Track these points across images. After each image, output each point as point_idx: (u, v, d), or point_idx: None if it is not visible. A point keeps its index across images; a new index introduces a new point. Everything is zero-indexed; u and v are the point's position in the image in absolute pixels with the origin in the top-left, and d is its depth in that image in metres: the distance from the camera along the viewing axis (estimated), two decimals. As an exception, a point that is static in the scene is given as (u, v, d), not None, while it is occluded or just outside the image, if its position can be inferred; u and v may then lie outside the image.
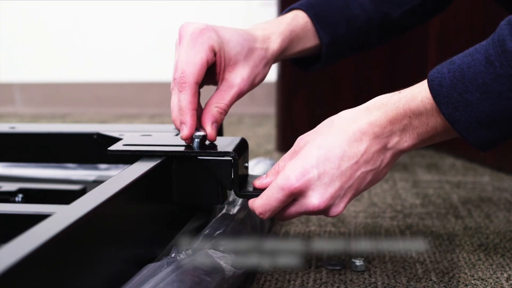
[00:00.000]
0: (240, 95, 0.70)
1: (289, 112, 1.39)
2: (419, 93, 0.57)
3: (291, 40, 0.76)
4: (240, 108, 2.22)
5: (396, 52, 1.38)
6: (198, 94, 0.66)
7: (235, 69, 0.69)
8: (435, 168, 1.22)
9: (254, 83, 0.72)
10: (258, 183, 0.62)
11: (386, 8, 0.81)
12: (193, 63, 0.65)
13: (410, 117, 0.58)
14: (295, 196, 0.59)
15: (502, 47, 0.52)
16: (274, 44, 0.74)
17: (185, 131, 0.63)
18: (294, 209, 0.60)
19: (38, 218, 0.45)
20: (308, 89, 1.37)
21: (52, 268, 0.40)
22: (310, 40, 0.78)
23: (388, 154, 0.60)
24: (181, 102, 0.64)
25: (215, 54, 0.67)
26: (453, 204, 0.96)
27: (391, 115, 0.58)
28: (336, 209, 0.59)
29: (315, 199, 0.58)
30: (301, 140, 0.61)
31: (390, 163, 0.61)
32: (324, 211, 0.59)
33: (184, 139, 0.63)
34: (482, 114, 0.54)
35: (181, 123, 0.63)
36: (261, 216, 0.61)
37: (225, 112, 0.68)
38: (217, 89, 0.69)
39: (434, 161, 1.28)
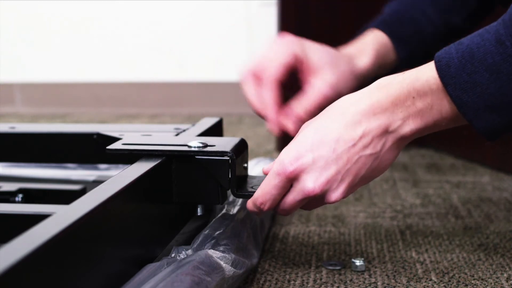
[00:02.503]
0: (324, 99, 0.70)
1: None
2: (424, 73, 0.55)
3: (378, 57, 0.78)
4: (240, 108, 2.22)
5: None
6: (279, 92, 0.68)
7: (319, 74, 0.71)
8: (435, 168, 1.22)
9: (339, 91, 0.72)
10: (265, 169, 0.62)
11: (448, 15, 0.83)
12: (276, 60, 0.68)
13: (414, 97, 0.55)
14: (291, 181, 0.58)
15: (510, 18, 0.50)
16: (364, 60, 0.77)
17: (274, 128, 0.68)
18: (292, 196, 0.59)
19: (38, 218, 0.45)
20: (308, 89, 1.37)
21: (52, 268, 0.40)
22: (390, 57, 0.81)
23: (390, 139, 0.56)
24: (264, 98, 0.67)
25: (298, 60, 0.70)
26: (453, 204, 0.96)
27: (394, 95, 0.55)
28: (334, 194, 0.57)
29: (310, 182, 0.56)
30: (304, 125, 0.60)
31: (393, 149, 0.57)
32: (321, 196, 0.58)
33: (276, 135, 0.68)
34: (491, 96, 0.51)
35: (267, 119, 0.67)
36: (262, 207, 0.60)
37: (309, 112, 0.69)
38: (302, 93, 0.71)
39: (434, 161, 1.28)
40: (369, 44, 0.79)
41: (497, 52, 0.51)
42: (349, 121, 0.56)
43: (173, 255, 0.59)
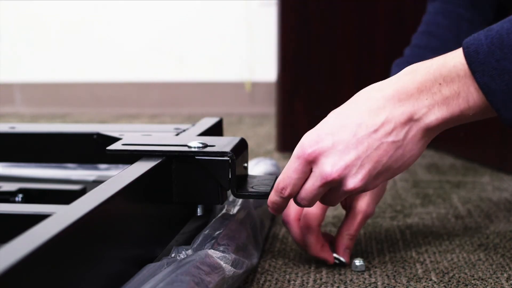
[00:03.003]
0: (367, 218, 0.72)
1: (289, 112, 1.39)
2: (452, 59, 0.53)
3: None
4: (240, 108, 2.23)
5: (396, 52, 1.37)
6: (320, 233, 0.70)
7: (359, 197, 0.71)
8: (435, 168, 1.22)
9: (378, 199, 0.74)
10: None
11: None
12: (318, 207, 0.69)
13: (440, 84, 0.53)
14: (311, 164, 0.56)
15: None
16: None
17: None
18: (310, 182, 0.57)
19: (38, 218, 0.45)
20: (308, 89, 1.37)
21: (52, 268, 0.40)
22: None
23: (414, 127, 0.54)
24: (309, 243, 0.69)
25: None
26: (453, 204, 0.96)
27: (420, 81, 0.53)
28: (353, 180, 0.55)
29: (327, 166, 0.54)
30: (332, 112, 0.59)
31: (417, 140, 0.55)
32: (339, 181, 0.55)
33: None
34: None
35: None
36: (283, 192, 0.58)
37: (354, 237, 0.71)
38: (346, 217, 0.72)
39: (434, 161, 1.28)
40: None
41: None
42: (373, 106, 0.54)
43: (173, 255, 0.59)
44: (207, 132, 0.78)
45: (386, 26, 1.37)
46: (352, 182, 0.55)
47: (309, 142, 0.56)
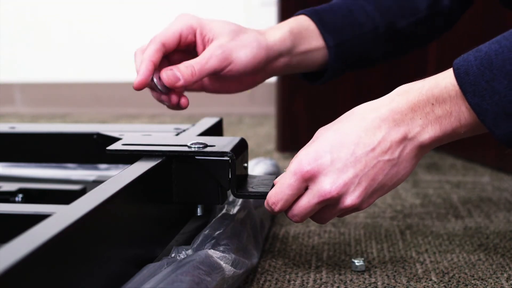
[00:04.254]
0: (217, 63, 0.68)
1: (289, 112, 1.39)
2: (443, 80, 0.55)
3: (292, 35, 0.75)
4: (240, 108, 2.22)
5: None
6: (161, 53, 0.67)
7: (216, 40, 0.69)
8: (435, 168, 1.22)
9: (241, 58, 0.70)
10: (276, 180, 0.61)
11: (391, 17, 0.80)
12: (165, 30, 0.69)
13: (433, 104, 0.55)
14: (307, 181, 0.57)
15: None
16: (274, 34, 0.73)
17: (137, 78, 0.66)
18: (306, 199, 0.58)
19: (38, 218, 0.45)
20: (308, 89, 1.37)
21: (52, 268, 0.40)
22: (315, 41, 0.77)
23: (409, 146, 0.56)
24: (144, 55, 0.66)
25: (193, 31, 0.70)
26: (453, 204, 0.96)
27: (413, 102, 0.55)
28: (351, 198, 0.56)
29: (327, 184, 0.56)
30: (320, 129, 0.60)
31: (411, 157, 0.57)
32: (337, 199, 0.57)
33: (134, 87, 0.66)
34: (510, 103, 0.51)
35: (137, 73, 0.66)
36: (273, 207, 0.59)
37: (195, 72, 0.67)
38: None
39: (434, 161, 1.28)
40: (285, 23, 0.76)
41: None
42: (369, 125, 0.56)
43: (173, 255, 0.59)
44: (207, 132, 0.78)
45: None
46: (350, 200, 0.57)
47: (307, 159, 0.56)
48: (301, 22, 0.77)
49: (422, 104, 0.55)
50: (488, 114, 0.53)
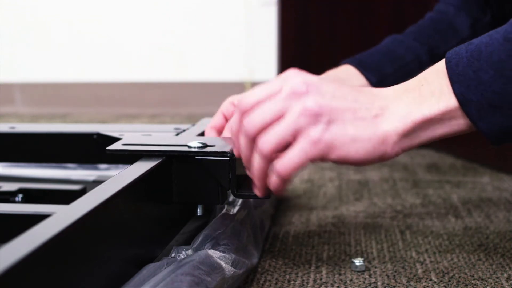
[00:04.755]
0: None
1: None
2: (436, 71, 0.55)
3: (330, 77, 0.78)
4: (240, 108, 2.22)
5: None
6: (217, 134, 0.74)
7: None
8: (435, 168, 1.22)
9: None
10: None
11: (432, 44, 0.83)
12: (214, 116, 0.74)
13: (422, 85, 0.55)
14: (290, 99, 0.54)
15: None
16: None
17: None
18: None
19: (38, 218, 0.45)
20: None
21: (52, 268, 0.40)
22: (357, 81, 0.81)
23: (387, 114, 0.54)
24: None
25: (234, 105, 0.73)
26: (453, 204, 0.96)
27: (407, 85, 0.56)
28: (314, 98, 0.52)
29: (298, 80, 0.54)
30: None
31: (386, 130, 0.53)
32: (302, 93, 0.52)
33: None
34: (495, 94, 0.51)
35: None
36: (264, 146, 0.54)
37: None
38: None
39: (434, 161, 1.28)
40: (322, 75, 0.79)
41: (503, 49, 0.51)
42: (365, 91, 0.56)
43: (173, 255, 0.59)
44: (207, 132, 0.78)
45: (386, 26, 1.37)
46: (313, 99, 0.52)
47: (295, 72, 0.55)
48: (339, 69, 0.81)
49: (412, 85, 0.56)
50: (473, 105, 0.52)
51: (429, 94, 0.54)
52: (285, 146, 0.54)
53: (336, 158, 0.53)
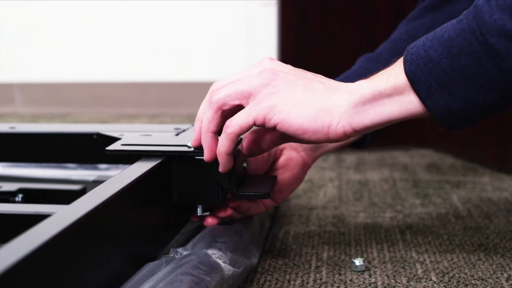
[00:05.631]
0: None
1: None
2: (399, 60, 0.56)
3: None
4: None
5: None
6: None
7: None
8: (435, 168, 1.22)
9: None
10: None
11: None
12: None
13: (385, 72, 0.56)
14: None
15: (474, 5, 0.51)
16: None
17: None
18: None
19: (38, 218, 0.45)
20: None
21: (52, 268, 0.40)
22: None
23: (340, 89, 0.56)
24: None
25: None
26: (453, 204, 0.96)
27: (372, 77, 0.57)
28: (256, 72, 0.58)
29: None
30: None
31: (333, 94, 0.56)
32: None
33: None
34: (442, 72, 0.51)
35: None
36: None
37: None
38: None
39: (434, 161, 1.28)
40: None
41: (453, 28, 0.52)
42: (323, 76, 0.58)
43: (171, 255, 0.59)
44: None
45: (386, 26, 1.37)
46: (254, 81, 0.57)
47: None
48: None
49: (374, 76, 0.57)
50: (422, 83, 0.53)
51: (384, 75, 0.56)
52: (235, 107, 0.58)
53: (278, 121, 0.55)
